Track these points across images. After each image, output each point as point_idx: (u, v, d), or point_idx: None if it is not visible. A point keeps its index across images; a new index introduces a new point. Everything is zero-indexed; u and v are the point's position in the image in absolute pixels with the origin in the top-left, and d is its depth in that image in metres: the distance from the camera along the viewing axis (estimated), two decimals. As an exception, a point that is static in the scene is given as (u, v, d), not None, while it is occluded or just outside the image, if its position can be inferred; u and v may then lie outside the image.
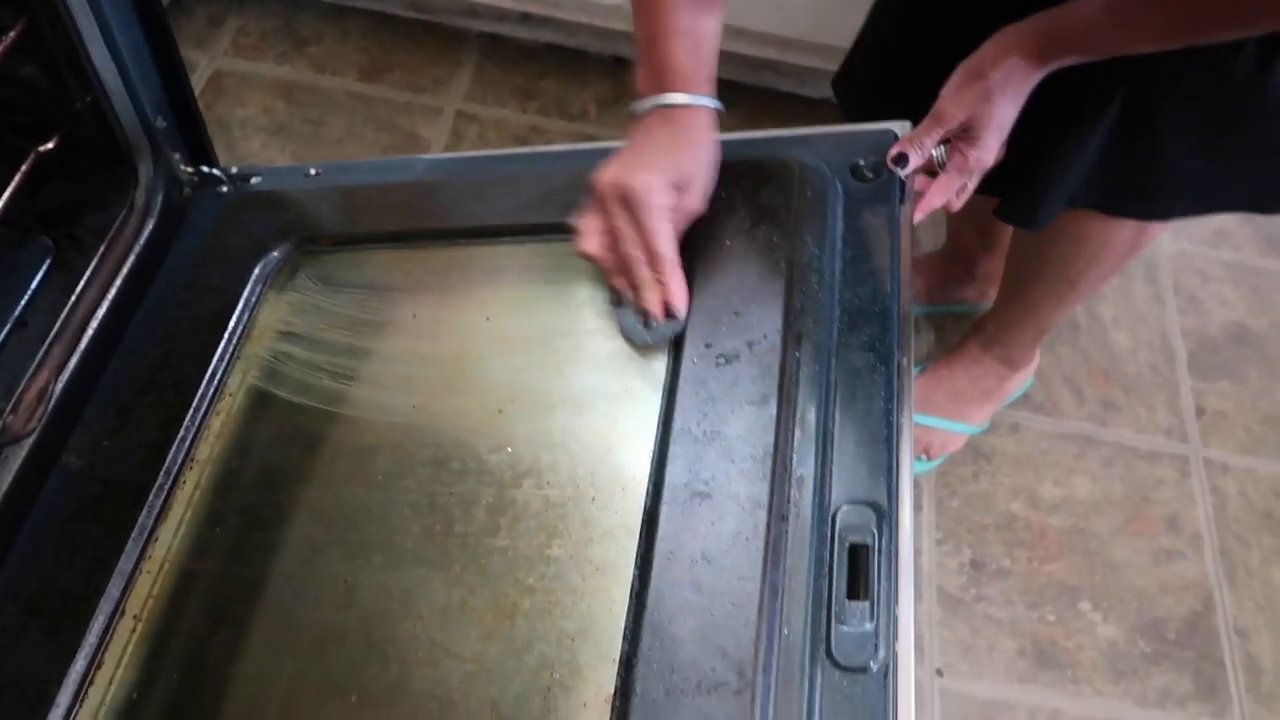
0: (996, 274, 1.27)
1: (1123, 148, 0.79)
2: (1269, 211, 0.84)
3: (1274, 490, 1.29)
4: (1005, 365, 1.25)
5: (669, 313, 0.67)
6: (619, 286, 0.69)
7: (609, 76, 1.65)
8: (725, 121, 0.70)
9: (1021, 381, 1.30)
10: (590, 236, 0.68)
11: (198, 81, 1.57)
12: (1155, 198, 0.84)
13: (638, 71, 0.70)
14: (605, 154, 0.79)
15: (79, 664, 0.60)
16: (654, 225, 0.66)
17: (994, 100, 0.71)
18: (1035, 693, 1.12)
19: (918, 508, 1.24)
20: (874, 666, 0.53)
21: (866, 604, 0.55)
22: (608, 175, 0.67)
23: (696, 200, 0.70)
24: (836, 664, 0.53)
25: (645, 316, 0.68)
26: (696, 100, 0.69)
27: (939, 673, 1.12)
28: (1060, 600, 1.18)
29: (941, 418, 1.25)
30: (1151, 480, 1.29)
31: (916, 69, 0.80)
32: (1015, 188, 0.87)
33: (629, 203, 0.66)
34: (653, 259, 0.66)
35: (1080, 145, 0.80)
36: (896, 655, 0.54)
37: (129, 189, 0.86)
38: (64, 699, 0.59)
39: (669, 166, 0.67)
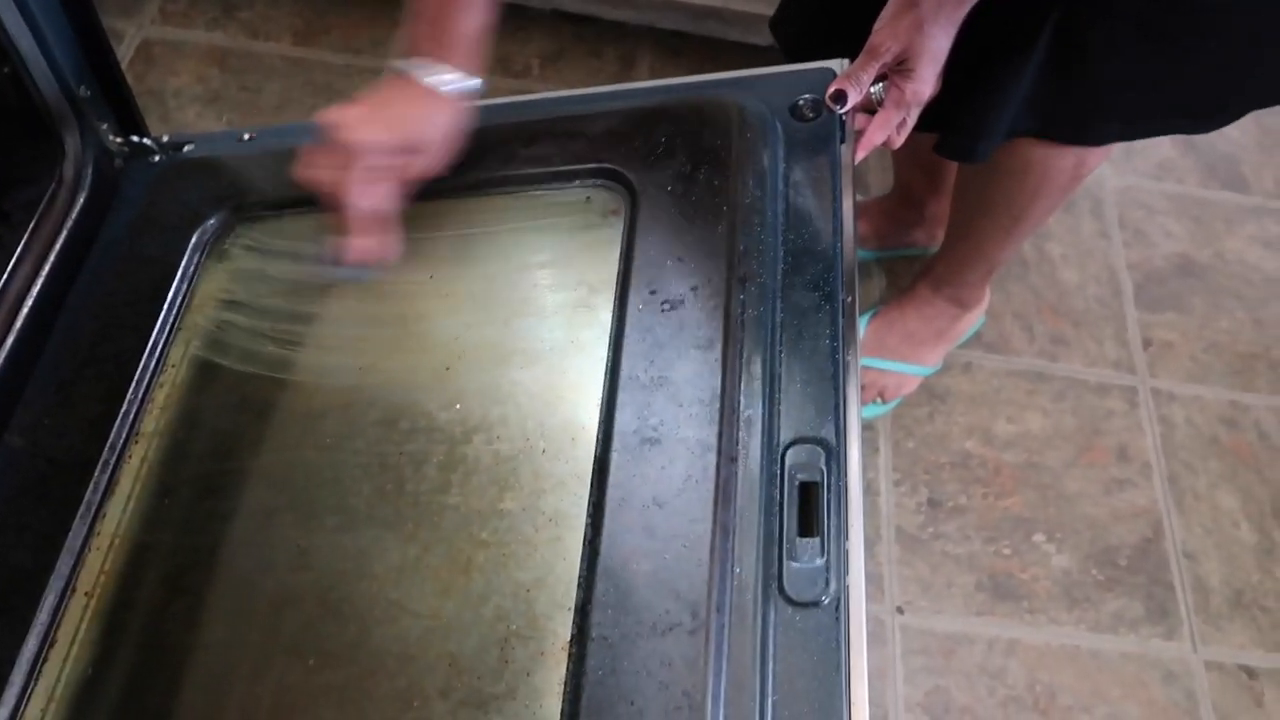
0: (945, 216, 1.28)
1: (1057, 72, 0.80)
2: (1200, 131, 0.86)
3: (1219, 416, 1.32)
4: (956, 305, 1.26)
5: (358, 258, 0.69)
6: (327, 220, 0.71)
7: (551, 32, 1.62)
8: (670, 72, 0.70)
9: (973, 321, 1.31)
10: (310, 167, 0.69)
11: (126, 51, 1.52)
12: (1090, 122, 0.85)
13: (411, 28, 0.70)
14: (542, 105, 0.78)
15: (31, 644, 0.60)
16: (354, 181, 0.67)
17: (926, 29, 0.71)
18: (993, 625, 1.14)
19: (874, 450, 1.26)
20: (825, 600, 0.54)
21: (817, 540, 0.56)
22: (339, 118, 0.67)
23: (429, 164, 0.71)
24: (789, 600, 0.54)
25: (337, 255, 0.70)
26: (448, 80, 0.69)
27: (899, 610, 1.14)
28: (1015, 534, 1.20)
29: (895, 360, 1.26)
30: (1101, 412, 1.31)
31: (852, 4, 0.80)
32: (954, 121, 0.87)
33: (345, 151, 0.67)
34: (344, 210, 0.68)
35: (1016, 72, 0.80)
36: (848, 589, 0.54)
37: (57, 161, 0.83)
38: (18, 678, 0.59)
39: (402, 128, 0.68)
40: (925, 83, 0.74)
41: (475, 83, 0.70)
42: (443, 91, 0.69)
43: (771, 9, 1.49)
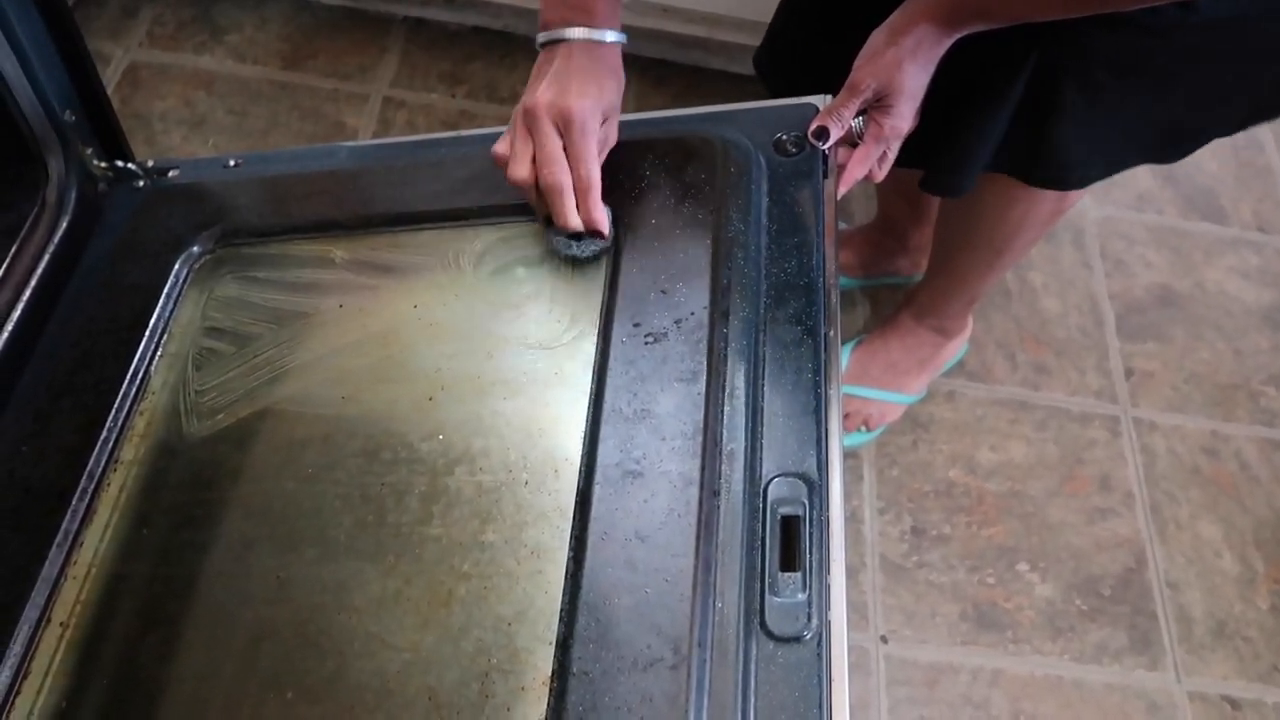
0: (928, 245, 1.28)
1: (1034, 114, 0.81)
2: (1169, 161, 0.87)
3: (1201, 446, 1.33)
4: (939, 334, 1.27)
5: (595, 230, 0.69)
6: (544, 212, 0.71)
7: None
8: (654, 100, 0.70)
9: (956, 350, 1.32)
10: (523, 162, 0.68)
11: (113, 74, 1.52)
12: (1068, 166, 0.86)
13: (548, 3, 0.70)
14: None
15: (4, 674, 0.59)
16: (589, 150, 0.68)
17: (905, 68, 0.72)
18: (977, 654, 1.14)
19: (858, 478, 1.26)
20: (807, 635, 0.54)
21: (799, 575, 0.56)
22: (544, 98, 0.67)
23: (614, 133, 0.72)
24: (770, 635, 0.54)
25: (575, 235, 0.70)
26: (614, 36, 0.70)
27: (884, 639, 1.14)
28: (999, 563, 1.21)
29: (879, 389, 1.27)
30: (1084, 441, 1.32)
31: (834, 41, 0.81)
32: (935, 157, 0.88)
33: (566, 125, 0.67)
34: (582, 183, 0.68)
35: (993, 112, 0.81)
36: (829, 624, 0.54)
37: (40, 186, 0.83)
38: (-11, 711, 0.58)
39: (599, 95, 0.68)
40: (904, 119, 0.75)
41: (623, 36, 0.71)
42: (610, 41, 0.70)
43: (754, 38, 1.51)
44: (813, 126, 0.75)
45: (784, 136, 0.77)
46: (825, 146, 0.75)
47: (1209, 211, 1.58)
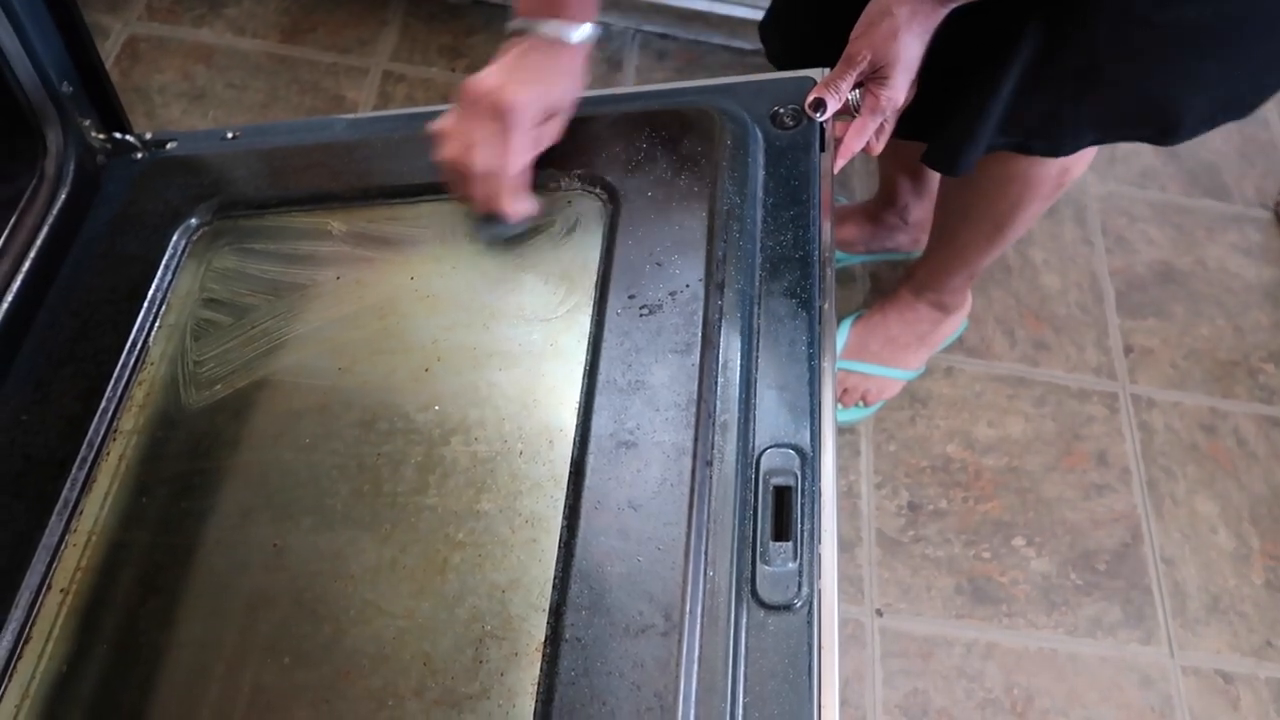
0: (928, 220, 1.28)
1: (1033, 83, 0.80)
2: (1165, 143, 0.86)
3: (1199, 422, 1.33)
4: (938, 310, 1.27)
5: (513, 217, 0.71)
6: (464, 193, 0.71)
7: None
8: (656, 75, 0.70)
9: (955, 325, 1.32)
10: (453, 143, 0.69)
11: (112, 47, 1.52)
12: (1062, 134, 0.86)
13: None
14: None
15: (5, 639, 0.60)
16: (516, 142, 0.67)
17: (900, 37, 0.72)
18: (972, 627, 1.15)
19: (856, 453, 1.26)
20: (798, 604, 0.54)
21: (790, 544, 0.56)
22: (486, 85, 0.67)
23: (556, 131, 0.72)
24: (761, 603, 0.54)
25: (492, 219, 0.71)
26: (580, 35, 0.69)
27: (879, 612, 1.15)
28: (995, 537, 1.21)
29: (877, 364, 1.27)
30: (1082, 417, 1.32)
31: (837, 12, 0.80)
32: (937, 133, 0.88)
33: (501, 116, 0.67)
34: (503, 172, 0.68)
35: (996, 84, 0.80)
36: (819, 592, 0.55)
37: (38, 158, 0.83)
38: (-9, 675, 0.59)
39: (544, 92, 0.68)
40: (899, 89, 0.75)
41: (596, 30, 0.70)
42: (573, 41, 0.69)
43: (755, 12, 1.51)
44: (810, 99, 0.75)
45: (781, 109, 0.76)
46: (822, 119, 0.75)
47: (1212, 188, 1.58)
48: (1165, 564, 1.21)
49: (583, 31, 0.69)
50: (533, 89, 0.67)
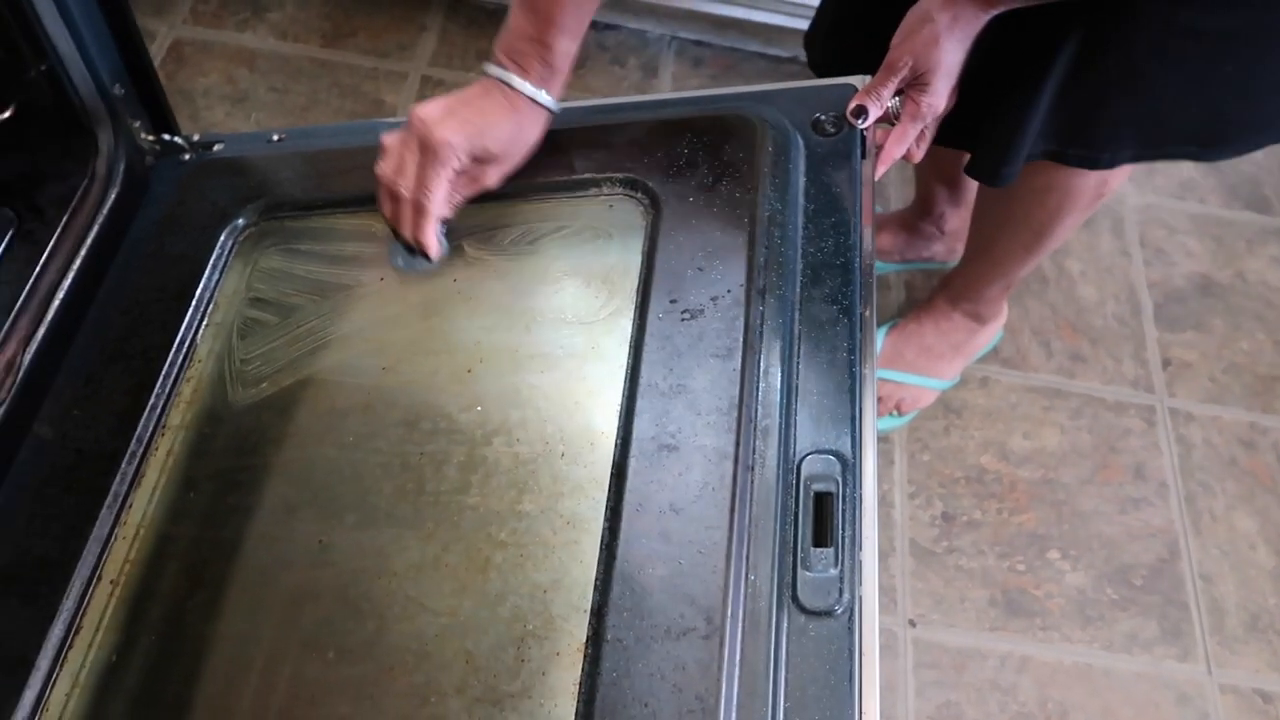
0: (964, 230, 1.28)
1: (1074, 94, 0.80)
2: (1207, 159, 0.86)
3: (1238, 437, 1.31)
4: (974, 320, 1.27)
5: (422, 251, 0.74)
6: (384, 212, 0.74)
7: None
8: (691, 81, 0.71)
9: (991, 336, 1.32)
10: (389, 162, 0.72)
11: (158, 50, 1.54)
12: (1104, 145, 0.85)
13: (510, 38, 0.71)
14: (567, 113, 0.79)
15: (57, 629, 0.61)
16: (433, 181, 0.70)
17: (942, 44, 0.72)
18: (1006, 640, 1.14)
19: (889, 462, 1.26)
20: (839, 610, 0.54)
21: (831, 550, 0.56)
22: (423, 113, 0.70)
23: (494, 177, 0.74)
24: (802, 608, 0.54)
25: (409, 248, 0.75)
26: (548, 103, 0.72)
27: (912, 623, 1.14)
28: (1030, 550, 1.20)
29: (912, 373, 1.27)
30: (1119, 430, 1.31)
31: (880, 21, 0.80)
32: (978, 141, 0.87)
33: (424, 150, 0.69)
34: (416, 207, 0.71)
35: (1037, 92, 0.80)
36: (860, 599, 0.55)
37: (89, 158, 0.85)
38: (44, 663, 0.60)
39: (482, 136, 0.70)
40: (939, 96, 0.75)
41: (557, 105, 0.73)
42: (541, 103, 0.71)
43: (791, 20, 1.51)
44: (851, 105, 0.75)
45: (822, 116, 0.77)
46: (864, 126, 0.75)
47: (1252, 200, 1.56)
48: (1203, 580, 1.20)
49: (550, 98, 0.72)
50: (469, 130, 0.69)
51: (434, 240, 0.73)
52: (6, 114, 0.81)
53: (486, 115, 0.70)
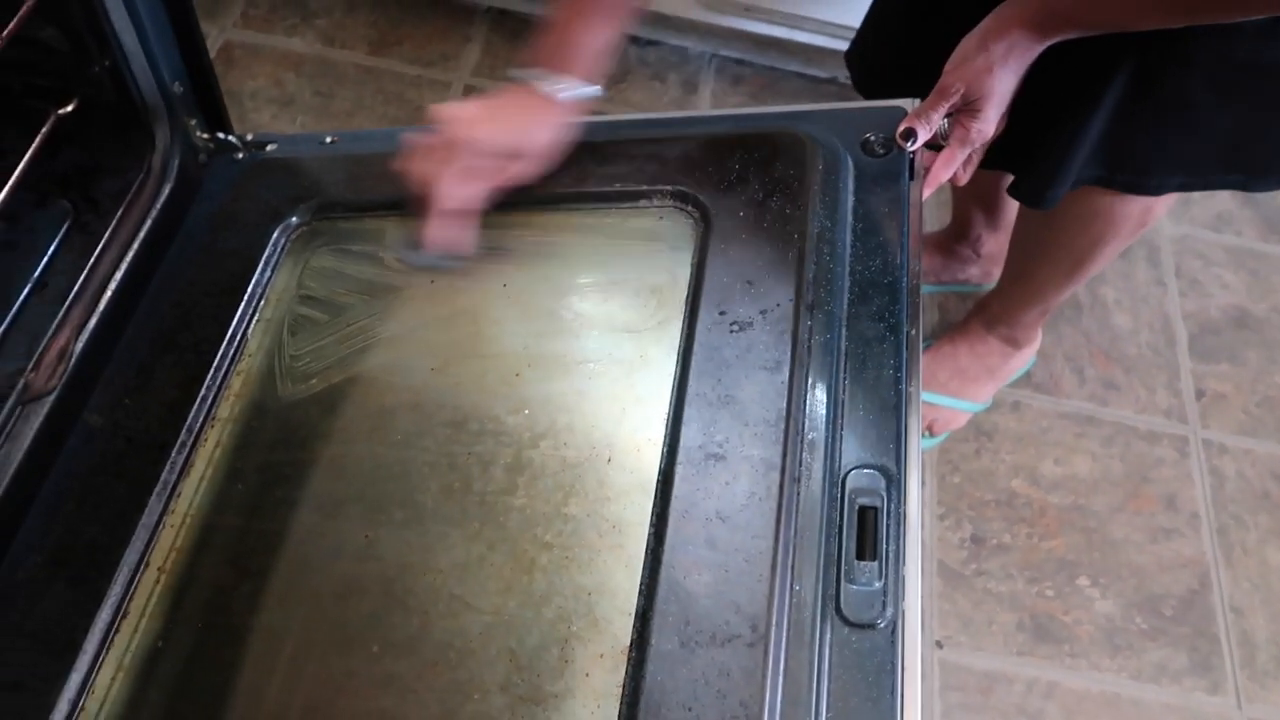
0: (1001, 254, 1.28)
1: (1126, 121, 0.80)
2: (1254, 190, 0.86)
3: (1271, 471, 1.30)
4: (1008, 344, 1.27)
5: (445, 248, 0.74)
6: (417, 208, 0.74)
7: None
8: (730, 99, 0.71)
9: (1024, 360, 1.31)
10: (412, 157, 0.73)
11: (209, 52, 1.56)
12: (1152, 171, 0.85)
13: (538, 40, 0.73)
14: (615, 127, 0.80)
15: (104, 614, 0.62)
16: (452, 175, 0.71)
17: (995, 73, 0.72)
18: (1033, 665, 1.13)
19: (920, 483, 1.25)
20: (881, 624, 0.55)
21: (875, 564, 0.57)
22: (449, 114, 0.71)
23: (526, 170, 0.74)
24: (846, 620, 0.55)
25: (418, 242, 0.74)
26: (571, 92, 0.72)
27: (939, 645, 1.14)
28: (1059, 576, 1.20)
29: (945, 395, 1.27)
30: (1151, 460, 1.30)
31: (925, 43, 0.81)
32: (1027, 165, 0.88)
33: (448, 146, 0.71)
34: (434, 203, 0.72)
35: (1088, 119, 0.80)
36: (903, 613, 0.55)
37: (146, 154, 0.87)
38: (90, 646, 0.61)
39: (510, 131, 0.72)
40: (989, 122, 0.75)
41: (594, 89, 0.73)
42: (559, 98, 0.72)
43: (833, 41, 1.52)
44: (901, 128, 0.75)
45: (872, 137, 0.77)
46: (913, 148, 0.75)
47: (1290, 234, 1.55)
48: (1234, 613, 1.19)
49: (571, 89, 0.72)
50: (490, 127, 0.71)
51: (439, 234, 0.73)
52: (69, 108, 0.83)
53: (509, 111, 0.72)
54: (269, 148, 0.90)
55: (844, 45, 1.10)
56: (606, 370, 0.68)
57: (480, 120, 0.71)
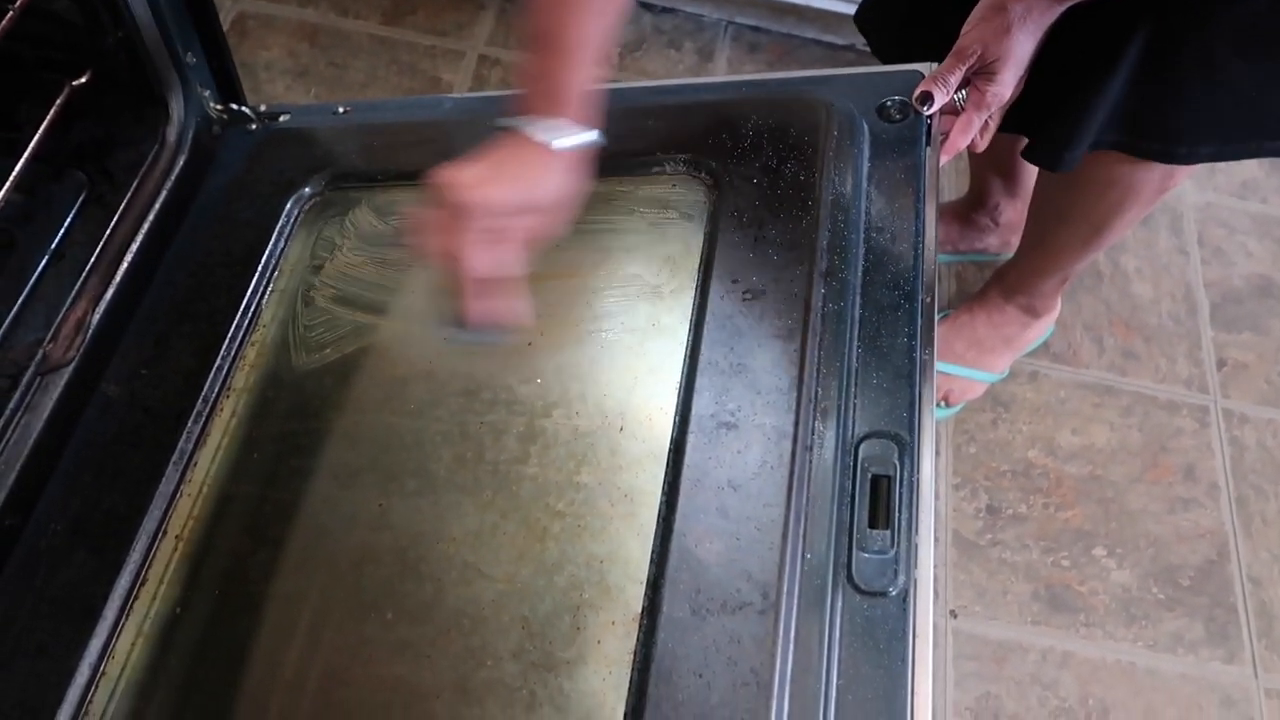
0: (1019, 223, 1.27)
1: (1147, 85, 0.79)
2: None
3: (1292, 442, 1.29)
4: (1026, 313, 1.25)
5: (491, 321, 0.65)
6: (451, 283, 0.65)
7: (632, 21, 1.64)
8: (747, 67, 0.70)
9: (1042, 330, 1.30)
10: (423, 232, 0.64)
11: (222, 23, 1.56)
12: (1181, 140, 0.84)
13: (521, 85, 0.65)
14: (628, 94, 0.79)
15: (124, 580, 0.63)
16: (471, 244, 0.62)
17: (1013, 34, 0.71)
18: (1048, 635, 1.13)
19: (935, 453, 1.25)
20: (893, 591, 0.55)
21: (887, 532, 0.57)
22: (450, 179, 0.62)
23: (549, 224, 0.66)
24: (857, 588, 0.55)
25: (461, 319, 0.64)
26: (566, 140, 0.64)
27: (953, 614, 1.14)
28: (1075, 546, 1.19)
29: (961, 365, 1.26)
30: (1170, 430, 1.29)
31: (942, 5, 0.80)
32: (1043, 127, 0.86)
33: (456, 213, 0.62)
34: (464, 275, 0.63)
35: (1103, 82, 0.79)
36: (915, 581, 0.55)
37: (160, 125, 0.87)
38: (110, 613, 0.61)
39: (518, 187, 0.63)
40: (1006, 85, 0.74)
41: (591, 135, 0.65)
42: (556, 147, 0.63)
43: (847, 7, 1.50)
44: (918, 91, 0.74)
45: (888, 102, 0.76)
46: (929, 112, 0.74)
47: (1317, 202, 1.53)
48: (1252, 584, 1.18)
49: (566, 136, 0.64)
50: (497, 186, 0.62)
51: (480, 308, 0.64)
52: (83, 79, 0.83)
53: (510, 166, 0.63)
54: (282, 118, 0.90)
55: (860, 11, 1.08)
56: (619, 339, 0.68)
57: (484, 181, 0.62)
